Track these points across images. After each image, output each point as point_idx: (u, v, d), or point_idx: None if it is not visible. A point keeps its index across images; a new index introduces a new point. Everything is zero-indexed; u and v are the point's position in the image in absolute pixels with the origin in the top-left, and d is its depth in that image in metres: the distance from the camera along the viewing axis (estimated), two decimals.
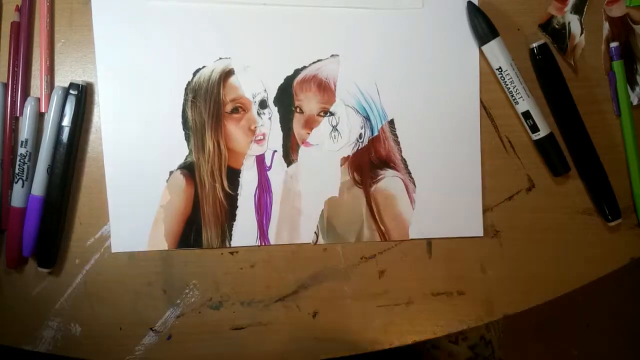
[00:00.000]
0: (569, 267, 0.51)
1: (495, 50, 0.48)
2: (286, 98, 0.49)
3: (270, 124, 0.49)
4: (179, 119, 0.48)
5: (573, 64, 0.50)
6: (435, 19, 0.49)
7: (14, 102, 0.47)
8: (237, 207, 0.49)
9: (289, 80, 0.49)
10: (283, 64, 0.48)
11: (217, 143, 0.48)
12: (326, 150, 0.49)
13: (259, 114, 0.49)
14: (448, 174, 0.50)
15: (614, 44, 0.49)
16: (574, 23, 0.50)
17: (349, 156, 0.49)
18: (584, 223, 0.51)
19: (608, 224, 0.50)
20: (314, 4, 0.48)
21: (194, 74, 0.48)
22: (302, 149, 0.49)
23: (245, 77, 0.48)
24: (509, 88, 0.48)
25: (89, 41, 0.48)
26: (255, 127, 0.49)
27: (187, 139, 0.48)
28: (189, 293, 0.49)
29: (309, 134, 0.49)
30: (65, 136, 0.46)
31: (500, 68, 0.48)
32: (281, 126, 0.49)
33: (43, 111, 0.47)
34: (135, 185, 0.48)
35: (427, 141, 0.49)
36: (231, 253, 0.49)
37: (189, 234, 0.49)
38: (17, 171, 0.46)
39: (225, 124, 0.48)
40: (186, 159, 0.48)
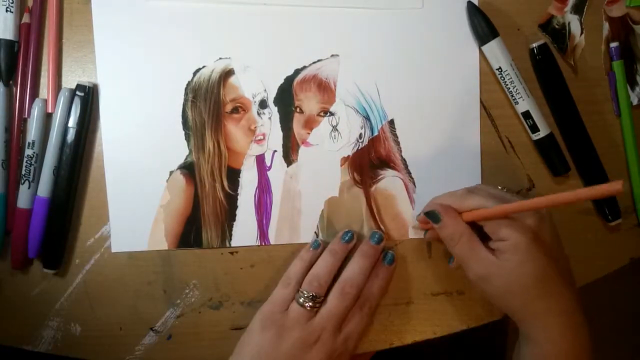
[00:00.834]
0: (569, 267, 0.51)
1: (495, 51, 0.48)
2: (286, 98, 0.49)
3: (270, 124, 0.49)
4: (179, 119, 0.48)
5: (573, 64, 0.50)
6: (435, 19, 0.49)
7: (22, 104, 0.47)
8: (237, 207, 0.49)
9: (289, 80, 0.49)
10: (283, 64, 0.48)
11: (217, 143, 0.48)
12: (326, 150, 0.49)
13: (259, 114, 0.49)
14: (448, 174, 0.50)
15: (614, 44, 0.50)
16: (574, 23, 0.50)
17: (349, 156, 0.49)
18: (583, 223, 0.51)
19: (608, 224, 0.50)
20: (314, 3, 0.48)
21: (194, 74, 0.48)
22: (302, 149, 0.49)
23: (245, 77, 0.48)
24: (509, 88, 0.48)
25: (89, 41, 0.48)
26: (255, 127, 0.49)
27: (187, 138, 0.48)
28: (189, 293, 0.49)
29: (309, 134, 0.49)
30: (71, 137, 0.46)
31: (500, 68, 0.48)
32: (281, 126, 0.49)
33: (50, 111, 0.46)
34: (135, 185, 0.48)
35: (427, 141, 0.49)
36: (231, 253, 0.49)
37: (189, 233, 0.49)
38: (23, 172, 0.46)
39: (225, 124, 0.48)
40: (186, 159, 0.48)
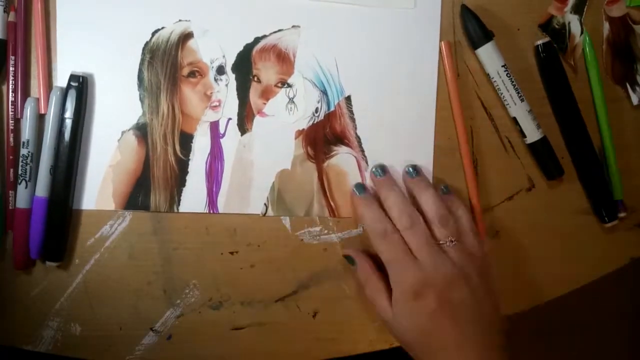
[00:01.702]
0: (569, 267, 0.51)
1: (483, 57, 0.48)
2: (244, 66, 0.48)
3: (226, 91, 0.48)
4: (135, 79, 0.48)
5: (573, 63, 0.50)
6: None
7: (14, 103, 0.46)
8: (187, 172, 0.48)
9: (248, 48, 0.48)
10: (243, 31, 0.48)
11: (172, 106, 0.48)
12: (281, 122, 0.49)
13: (215, 79, 0.48)
14: (401, 153, 0.49)
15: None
16: (574, 23, 0.50)
17: (303, 129, 0.49)
18: (584, 223, 0.51)
19: (604, 225, 0.50)
20: None
21: (153, 34, 0.47)
22: (257, 119, 0.49)
23: (204, 41, 0.48)
24: (499, 94, 0.48)
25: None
26: (212, 93, 0.48)
27: (142, 99, 0.48)
28: (189, 293, 0.49)
29: (265, 104, 0.49)
30: (67, 132, 0.45)
31: (488, 74, 0.48)
32: (237, 94, 0.48)
33: (43, 112, 0.46)
34: (85, 142, 0.48)
35: (382, 120, 0.49)
36: (231, 253, 0.49)
37: (137, 195, 0.48)
38: (20, 172, 0.45)
39: (182, 88, 0.48)
40: (139, 119, 0.48)
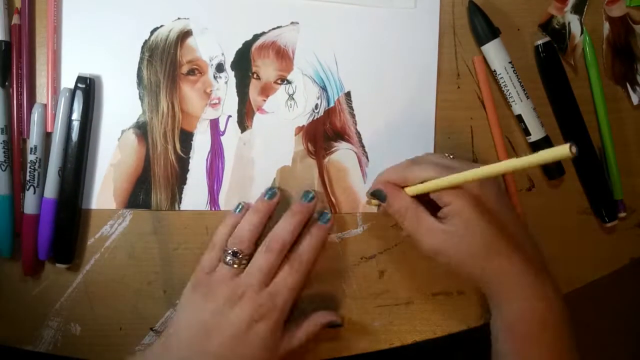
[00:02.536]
0: (569, 267, 0.51)
1: (490, 53, 0.48)
2: (244, 63, 0.48)
3: (226, 88, 0.48)
4: (134, 78, 0.48)
5: (573, 63, 0.50)
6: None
7: (20, 107, 0.46)
8: (188, 170, 0.48)
9: (247, 45, 0.48)
10: (242, 28, 0.48)
11: (172, 104, 0.48)
12: (281, 119, 0.49)
13: (215, 77, 0.48)
14: (401, 149, 0.49)
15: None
16: (574, 23, 0.50)
17: (303, 126, 0.49)
18: (584, 223, 0.51)
19: (604, 225, 0.50)
20: None
21: (152, 33, 0.48)
22: (257, 116, 0.49)
23: (203, 39, 0.48)
24: (503, 91, 0.48)
25: None
26: (211, 91, 0.48)
27: (142, 98, 0.48)
28: None
29: (264, 101, 0.49)
30: (75, 133, 0.45)
31: (494, 71, 0.48)
32: (237, 91, 0.48)
33: (49, 131, 0.46)
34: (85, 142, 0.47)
35: (382, 115, 0.49)
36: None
37: (138, 194, 0.48)
38: (28, 178, 0.45)
39: (181, 86, 0.48)
40: (139, 118, 0.48)
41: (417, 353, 0.60)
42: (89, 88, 0.46)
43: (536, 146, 0.49)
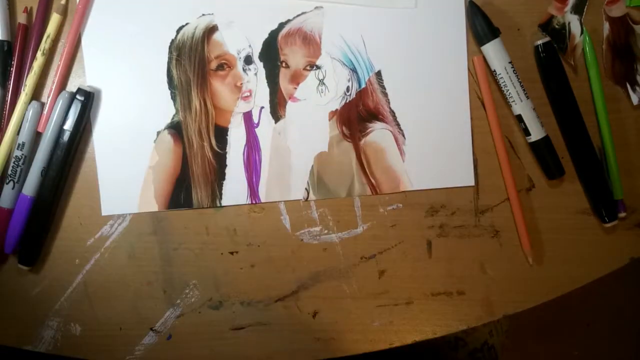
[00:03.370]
0: (569, 267, 0.50)
1: (490, 53, 0.47)
2: (271, 53, 0.48)
3: (256, 80, 0.48)
4: (164, 78, 0.48)
5: (573, 63, 0.49)
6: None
7: (12, 105, 0.46)
8: (226, 165, 0.48)
9: (273, 35, 0.48)
10: (267, 18, 0.48)
11: (204, 101, 0.48)
12: (314, 105, 0.49)
13: (244, 70, 0.48)
14: (437, 124, 0.49)
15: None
16: (574, 23, 0.49)
17: (337, 110, 0.49)
18: (584, 223, 0.51)
19: (604, 225, 0.50)
20: None
21: (177, 32, 0.48)
22: (290, 105, 0.49)
23: (229, 32, 0.48)
24: (503, 91, 0.48)
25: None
26: (242, 84, 0.48)
27: (174, 98, 0.48)
28: (189, 293, 0.49)
29: (295, 88, 0.48)
30: (64, 140, 0.46)
31: (494, 71, 0.48)
32: (267, 82, 0.48)
33: (40, 131, 0.46)
34: (122, 147, 0.48)
35: (415, 92, 0.49)
36: (231, 253, 0.49)
37: (179, 194, 0.48)
38: (9, 172, 0.46)
39: (211, 82, 0.48)
40: (173, 118, 0.48)
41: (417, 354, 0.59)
42: (86, 102, 0.46)
43: (536, 146, 0.49)
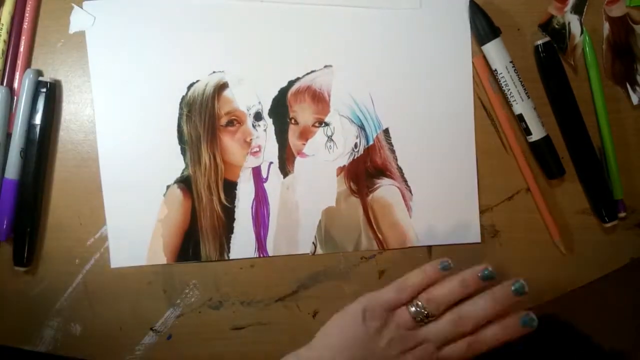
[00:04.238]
0: (569, 267, 0.50)
1: (491, 52, 0.48)
2: (281, 109, 0.49)
3: (265, 135, 0.49)
4: (175, 134, 0.48)
5: (573, 63, 0.50)
6: (433, 19, 0.49)
7: None
8: (234, 219, 0.49)
9: (283, 92, 0.49)
10: (277, 75, 0.49)
11: (213, 156, 0.49)
12: (322, 161, 0.49)
13: (254, 126, 0.49)
14: (444, 181, 0.50)
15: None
16: (573, 23, 0.50)
17: (344, 166, 0.49)
18: (584, 223, 0.51)
19: (604, 225, 0.50)
20: (311, 1, 0.48)
21: (188, 88, 0.48)
22: (298, 160, 0.49)
23: (239, 89, 0.48)
24: (504, 90, 0.48)
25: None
26: (251, 140, 0.49)
27: (183, 152, 0.49)
28: (189, 293, 0.49)
29: (304, 144, 0.49)
30: (37, 121, 0.47)
31: (495, 70, 0.48)
32: (276, 138, 0.49)
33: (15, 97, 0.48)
34: (132, 200, 0.48)
35: (422, 149, 0.49)
36: None
37: (188, 247, 0.49)
38: None
39: (221, 137, 0.49)
40: (183, 172, 0.49)
41: None
42: (49, 93, 0.47)
43: (536, 146, 0.49)
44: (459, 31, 0.49)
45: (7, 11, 0.48)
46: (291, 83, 0.49)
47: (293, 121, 0.49)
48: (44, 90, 0.47)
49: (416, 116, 0.49)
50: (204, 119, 0.48)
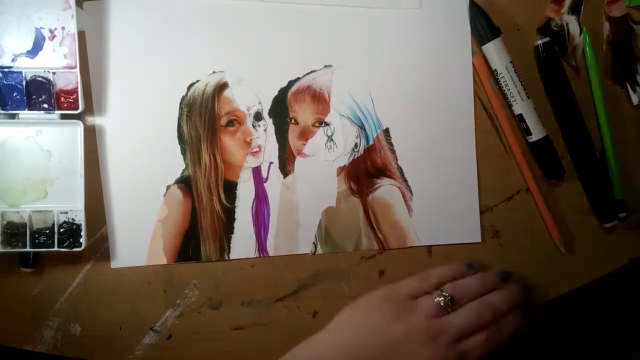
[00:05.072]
0: (569, 267, 0.51)
1: (491, 52, 0.48)
2: (281, 109, 0.49)
3: (265, 135, 0.49)
4: (175, 134, 0.48)
5: (575, 64, 0.50)
6: (433, 19, 0.49)
7: None
8: (234, 219, 0.49)
9: (283, 92, 0.49)
10: (277, 75, 0.49)
11: (213, 156, 0.49)
12: (322, 161, 0.49)
13: (254, 126, 0.49)
14: (444, 180, 0.50)
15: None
16: (572, 24, 0.50)
17: (345, 166, 0.49)
18: (583, 223, 0.51)
19: (604, 225, 0.50)
20: (311, 1, 0.48)
21: (188, 89, 0.48)
22: (298, 160, 0.49)
23: (240, 89, 0.48)
24: (504, 90, 0.48)
25: None
26: (251, 140, 0.49)
27: (183, 153, 0.49)
28: (189, 293, 0.49)
29: (304, 144, 0.49)
30: None
31: (495, 70, 0.48)
32: (277, 138, 0.49)
33: None
34: (132, 200, 0.48)
35: (422, 149, 0.50)
36: None
37: (188, 247, 0.49)
38: None
39: (221, 137, 0.49)
40: (183, 173, 0.49)
41: None
42: None
43: (536, 146, 0.49)
44: (459, 31, 0.49)
45: None
46: (291, 83, 0.49)
47: (293, 121, 0.49)
48: None
49: (416, 116, 0.49)
50: (204, 119, 0.48)
